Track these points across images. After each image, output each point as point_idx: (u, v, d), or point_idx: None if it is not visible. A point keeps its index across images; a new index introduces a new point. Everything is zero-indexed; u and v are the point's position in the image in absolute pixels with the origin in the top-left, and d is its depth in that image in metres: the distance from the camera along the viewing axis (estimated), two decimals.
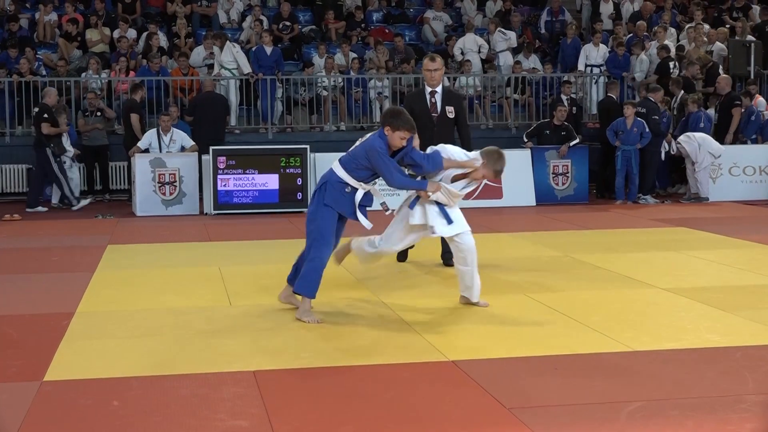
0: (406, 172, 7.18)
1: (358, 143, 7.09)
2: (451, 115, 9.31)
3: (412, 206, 7.21)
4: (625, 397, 5.25)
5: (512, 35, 19.54)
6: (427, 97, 9.32)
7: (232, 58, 17.41)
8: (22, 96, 16.80)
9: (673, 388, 5.44)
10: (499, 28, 19.55)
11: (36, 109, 15.48)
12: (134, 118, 15.67)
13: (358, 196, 6.98)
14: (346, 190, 6.96)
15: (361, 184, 6.97)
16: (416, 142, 7.15)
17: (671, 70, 17.67)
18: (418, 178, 7.26)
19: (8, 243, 11.60)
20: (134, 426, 4.91)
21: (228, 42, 17.66)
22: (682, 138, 15.35)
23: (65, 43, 18.45)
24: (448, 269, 8.89)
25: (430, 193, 6.99)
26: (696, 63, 17.82)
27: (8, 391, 5.52)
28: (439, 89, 9.32)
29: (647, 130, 14.97)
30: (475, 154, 7.22)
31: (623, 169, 15.20)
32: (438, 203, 7.10)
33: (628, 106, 15.27)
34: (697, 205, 15.10)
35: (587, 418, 4.95)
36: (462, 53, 19.02)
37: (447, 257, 9.17)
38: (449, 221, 7.11)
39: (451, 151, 7.23)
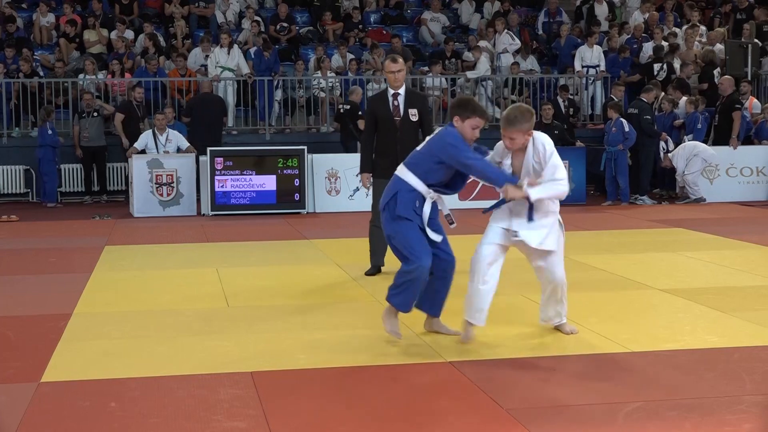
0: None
1: (423, 144, 6.43)
2: (414, 118, 8.79)
3: (493, 207, 6.42)
4: (622, 398, 5.25)
5: (517, 41, 19.52)
6: (390, 99, 8.87)
7: (236, 59, 17.42)
8: (19, 97, 16.79)
9: (670, 389, 5.44)
10: (507, 30, 19.53)
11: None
12: (118, 118, 15.73)
13: (426, 209, 6.24)
14: (416, 203, 6.22)
15: (431, 192, 6.24)
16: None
17: (656, 73, 17.70)
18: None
19: (6, 244, 11.59)
20: (132, 427, 4.91)
21: (235, 44, 17.74)
22: (675, 152, 15.36)
23: (66, 44, 18.45)
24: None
25: (528, 193, 6.10)
26: (689, 63, 17.84)
27: (6, 392, 5.51)
28: (402, 91, 8.87)
29: (627, 129, 14.96)
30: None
31: (609, 170, 15.22)
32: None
33: (609, 108, 15.40)
34: (694, 205, 15.10)
35: (585, 420, 4.95)
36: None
37: None
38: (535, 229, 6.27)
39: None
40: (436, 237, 6.31)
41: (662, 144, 15.62)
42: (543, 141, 6.36)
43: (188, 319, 7.35)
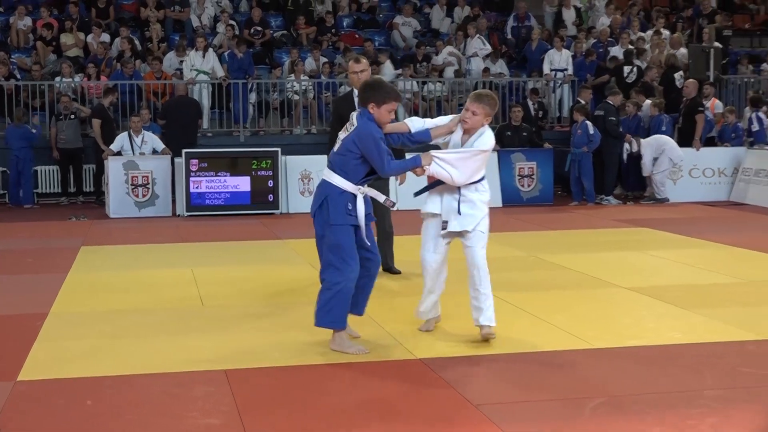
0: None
1: (341, 136, 6.13)
2: None
3: (419, 193, 6.49)
4: (588, 393, 5.29)
5: (488, 47, 19.56)
6: (355, 100, 8.50)
7: (211, 62, 17.35)
8: None
9: (635, 384, 5.48)
10: (479, 35, 19.58)
11: None
12: (96, 123, 15.63)
13: (361, 207, 6.03)
14: (349, 206, 6.00)
15: (359, 188, 6.03)
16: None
17: (626, 75, 17.81)
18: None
19: None
20: (108, 425, 4.89)
21: (210, 48, 17.67)
22: (645, 141, 15.42)
23: (43, 47, 18.32)
24: (411, 269, 8.89)
25: (426, 167, 6.17)
26: (653, 67, 17.96)
27: None
28: None
29: (592, 132, 15.07)
30: (446, 118, 6.53)
31: (573, 171, 15.32)
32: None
33: (575, 111, 15.53)
34: (658, 205, 15.20)
35: (552, 414, 4.98)
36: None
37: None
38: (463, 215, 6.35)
39: (426, 121, 6.45)
40: (367, 243, 6.14)
41: (626, 146, 15.70)
42: (485, 138, 6.32)
43: (163, 318, 7.33)
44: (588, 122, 15.16)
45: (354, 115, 6.19)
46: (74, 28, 18.70)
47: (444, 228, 6.40)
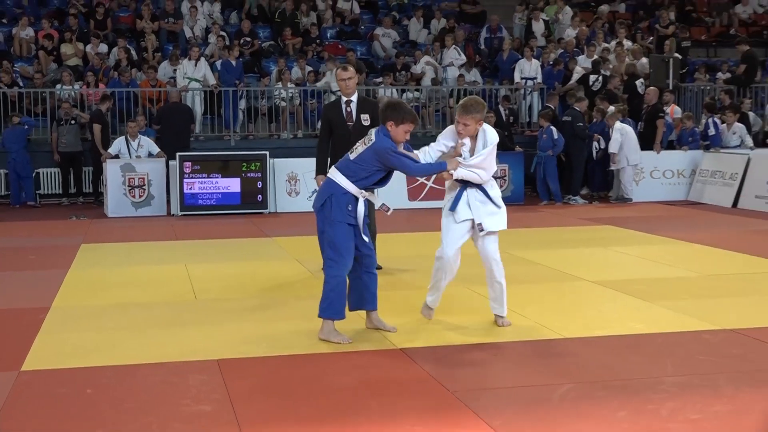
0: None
1: (359, 148, 6.21)
2: (366, 123, 8.48)
3: (453, 207, 6.56)
4: (557, 380, 5.31)
5: (463, 57, 19.60)
6: (343, 106, 8.72)
7: (203, 70, 17.30)
8: (0, 106, 16.54)
9: (600, 372, 5.51)
10: (455, 46, 19.62)
11: None
12: (96, 128, 15.55)
13: (360, 209, 6.17)
14: (349, 207, 6.13)
15: (362, 192, 6.16)
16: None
17: (591, 84, 17.88)
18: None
19: None
20: (107, 412, 4.88)
21: (202, 57, 17.62)
22: (617, 124, 15.44)
23: (44, 56, 18.23)
24: (393, 264, 8.92)
25: (452, 172, 6.35)
26: (616, 76, 18.03)
27: None
28: (354, 98, 8.70)
29: (556, 137, 15.15)
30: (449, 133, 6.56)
31: (539, 173, 15.40)
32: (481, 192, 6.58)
33: (540, 117, 15.61)
34: (622, 205, 15.27)
35: (523, 399, 5.00)
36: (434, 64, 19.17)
37: None
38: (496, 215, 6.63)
39: (433, 148, 6.49)
40: (366, 239, 6.24)
41: (594, 144, 15.77)
42: (490, 134, 6.55)
43: (159, 311, 7.31)
44: (552, 127, 15.23)
45: (372, 130, 6.28)
46: (74, 39, 18.60)
47: (481, 229, 6.54)
